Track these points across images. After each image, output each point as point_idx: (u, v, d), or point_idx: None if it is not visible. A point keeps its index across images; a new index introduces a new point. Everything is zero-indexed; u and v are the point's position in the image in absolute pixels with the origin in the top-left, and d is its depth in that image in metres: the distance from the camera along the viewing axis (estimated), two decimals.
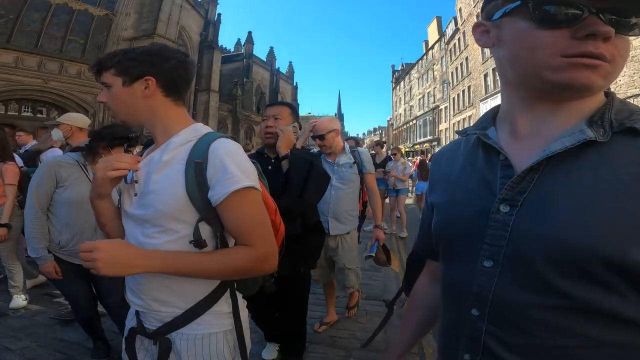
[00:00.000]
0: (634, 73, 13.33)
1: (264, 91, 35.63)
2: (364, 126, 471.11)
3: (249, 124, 29.61)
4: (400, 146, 39.43)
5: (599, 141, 0.50)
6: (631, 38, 0.53)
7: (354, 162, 2.68)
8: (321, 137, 2.58)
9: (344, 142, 2.80)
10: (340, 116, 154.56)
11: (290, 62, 44.46)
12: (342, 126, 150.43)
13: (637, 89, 13.33)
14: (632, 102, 9.21)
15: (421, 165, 8.35)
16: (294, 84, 43.98)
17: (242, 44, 34.95)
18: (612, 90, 0.59)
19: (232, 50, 36.16)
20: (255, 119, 30.15)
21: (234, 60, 33.08)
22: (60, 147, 3.44)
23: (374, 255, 2.75)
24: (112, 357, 2.37)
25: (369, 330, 2.57)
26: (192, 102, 22.26)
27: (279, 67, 38.79)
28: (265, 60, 36.81)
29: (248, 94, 31.89)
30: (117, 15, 16.55)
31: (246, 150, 1.28)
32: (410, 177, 8.14)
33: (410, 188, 9.51)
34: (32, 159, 3.71)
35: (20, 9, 13.37)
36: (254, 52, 34.00)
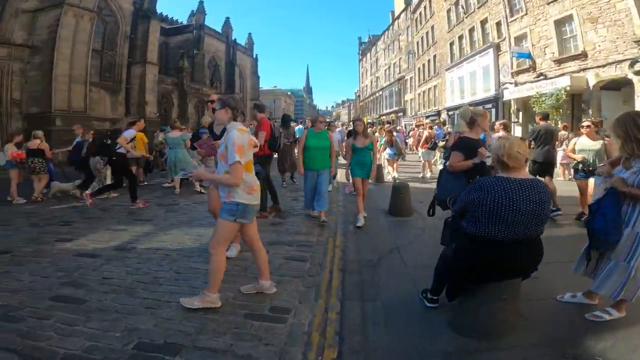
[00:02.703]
0: (617, 38, 12.29)
1: (219, 63, 32.63)
2: (332, 99, 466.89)
3: (199, 97, 26.92)
4: (366, 118, 38.49)
5: None
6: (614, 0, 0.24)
7: None
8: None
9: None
10: (308, 90, 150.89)
11: (250, 34, 41.10)
12: (311, 99, 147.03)
13: (620, 55, 12.31)
14: (614, 68, 7.40)
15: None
16: (254, 56, 40.93)
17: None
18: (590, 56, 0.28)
19: (185, 22, 32.52)
20: (207, 92, 27.54)
21: (183, 32, 29.88)
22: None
23: None
24: None
25: None
26: (126, 76, 19.50)
27: (235, 39, 35.65)
28: (220, 32, 33.58)
29: (199, 66, 29.01)
30: None
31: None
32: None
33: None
34: None
35: None
36: (208, 24, 30.81)
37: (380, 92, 47.48)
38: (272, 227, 5.22)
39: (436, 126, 12.65)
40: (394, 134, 11.55)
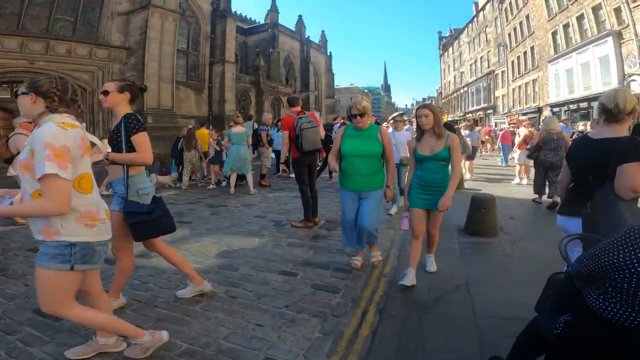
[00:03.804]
0: None
1: (293, 61, 33.14)
2: (412, 96, 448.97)
3: (275, 95, 27.58)
4: (446, 115, 35.53)
5: None
6: None
7: None
8: None
9: None
10: (386, 87, 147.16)
11: (323, 31, 40.95)
12: (389, 97, 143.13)
13: None
14: None
15: None
16: (328, 54, 40.74)
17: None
18: None
19: (261, 22, 33.88)
20: (283, 91, 28.06)
21: (258, 31, 30.92)
22: None
23: None
24: None
25: None
26: (208, 75, 20.70)
27: (309, 36, 35.80)
28: (294, 30, 34.09)
29: (275, 64, 29.74)
30: None
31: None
32: None
33: None
34: None
35: None
36: (282, 22, 31.47)
37: (466, 88, 43.49)
38: (312, 242, 4.42)
39: (562, 124, 9.78)
40: (466, 132, 10.56)
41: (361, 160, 3.32)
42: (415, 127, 3.70)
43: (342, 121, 9.29)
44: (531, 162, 7.89)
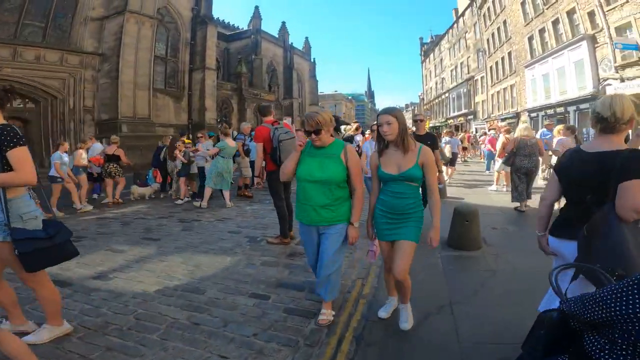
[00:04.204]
0: None
1: (276, 68, 32.96)
2: (396, 103, 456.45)
3: (257, 102, 27.27)
4: (428, 121, 35.91)
5: None
6: None
7: None
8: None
9: None
10: (370, 94, 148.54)
11: (307, 38, 41.17)
12: (373, 104, 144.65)
13: None
14: None
15: None
16: (312, 60, 40.79)
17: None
18: None
19: (244, 28, 33.64)
20: (266, 98, 27.79)
21: (241, 38, 30.65)
22: None
23: None
24: None
25: None
26: (188, 82, 20.25)
27: (292, 43, 35.74)
28: (277, 36, 33.98)
29: (257, 71, 29.47)
30: None
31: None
32: None
33: None
34: None
35: None
36: (265, 29, 31.30)
37: (447, 94, 44.22)
38: (288, 259, 4.14)
39: (544, 129, 9.44)
40: (446, 138, 10.59)
41: (314, 187, 2.53)
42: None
43: (361, 131, 8.77)
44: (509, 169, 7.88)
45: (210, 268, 3.88)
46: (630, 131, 1.85)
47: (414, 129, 5.60)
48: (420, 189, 2.51)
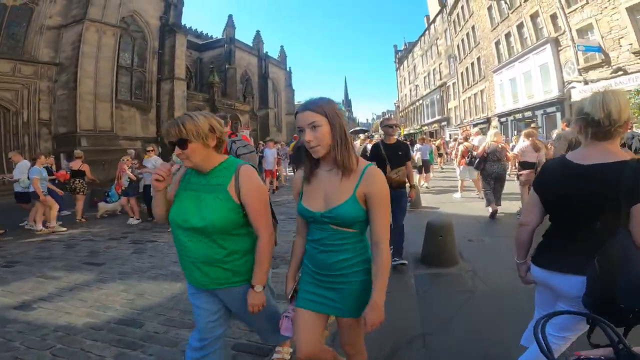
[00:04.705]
0: None
1: (251, 77, 32.51)
2: (372, 111, 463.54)
3: (231, 113, 26.62)
4: (403, 128, 36.22)
5: None
6: None
7: None
8: None
9: None
10: (347, 102, 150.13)
11: (282, 46, 41.03)
12: (351, 112, 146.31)
13: None
14: None
15: None
16: (287, 69, 40.63)
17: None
18: None
19: (218, 37, 33.11)
20: (240, 108, 27.22)
21: (214, 47, 30.03)
22: None
23: None
24: None
25: None
26: (156, 93, 19.45)
27: (267, 52, 35.49)
28: (251, 45, 33.63)
29: (231, 80, 28.89)
30: (40, 3, 13.69)
31: None
32: None
33: None
34: None
35: None
36: (239, 38, 30.88)
37: (421, 101, 44.96)
38: None
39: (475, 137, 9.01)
40: (417, 145, 10.50)
41: (193, 237, 1.52)
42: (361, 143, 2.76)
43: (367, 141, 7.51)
44: (474, 175, 7.80)
45: (155, 296, 3.37)
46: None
47: (382, 137, 4.86)
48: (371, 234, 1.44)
